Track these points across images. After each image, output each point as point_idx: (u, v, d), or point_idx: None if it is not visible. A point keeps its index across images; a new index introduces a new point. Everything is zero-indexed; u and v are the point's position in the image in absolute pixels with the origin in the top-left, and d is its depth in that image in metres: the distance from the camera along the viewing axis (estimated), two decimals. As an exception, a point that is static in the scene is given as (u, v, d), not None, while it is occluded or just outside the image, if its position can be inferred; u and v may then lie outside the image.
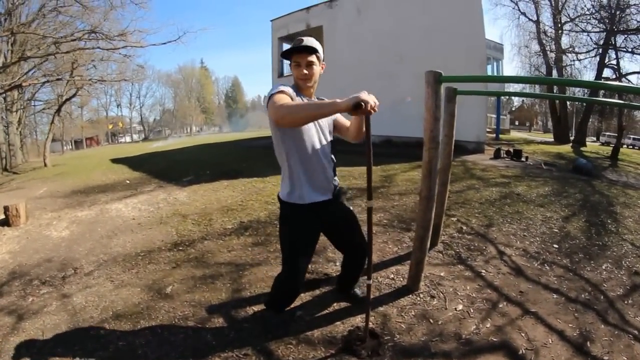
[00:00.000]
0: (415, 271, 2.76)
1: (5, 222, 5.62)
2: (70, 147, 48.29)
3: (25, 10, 16.70)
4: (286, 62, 19.60)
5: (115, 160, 15.21)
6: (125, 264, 3.71)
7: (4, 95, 17.04)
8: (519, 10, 23.52)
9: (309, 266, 2.53)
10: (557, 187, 6.93)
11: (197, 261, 3.61)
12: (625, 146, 19.93)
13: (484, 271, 3.18)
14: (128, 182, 9.02)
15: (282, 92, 1.65)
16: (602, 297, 2.82)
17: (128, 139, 58.04)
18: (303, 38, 1.76)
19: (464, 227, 4.35)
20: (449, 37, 12.07)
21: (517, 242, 3.93)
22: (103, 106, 55.88)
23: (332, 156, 2.00)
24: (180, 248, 4.03)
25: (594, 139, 35.99)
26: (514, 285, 2.95)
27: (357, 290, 2.61)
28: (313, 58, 1.78)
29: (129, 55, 14.76)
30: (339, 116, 2.04)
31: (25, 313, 2.84)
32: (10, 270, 3.83)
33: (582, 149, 19.08)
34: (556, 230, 4.34)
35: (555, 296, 2.80)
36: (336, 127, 2.06)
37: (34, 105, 28.44)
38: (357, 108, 1.41)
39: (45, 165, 18.17)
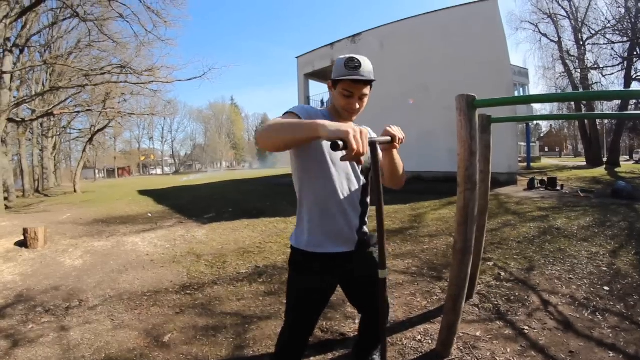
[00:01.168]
0: (446, 335, 2.31)
1: (24, 244, 5.78)
2: (103, 175, 50.46)
3: (64, 45, 17.90)
4: (314, 98, 20.41)
5: (142, 192, 15.57)
6: (130, 302, 3.55)
7: (40, 121, 18.04)
8: (540, 32, 23.18)
9: (323, 323, 2.16)
10: (599, 216, 6.46)
11: (203, 308, 3.33)
12: (663, 161, 18.71)
13: (526, 327, 2.72)
14: (150, 215, 9.10)
15: (289, 114, 1.37)
16: (670, 350, 2.35)
17: (159, 171, 60.19)
18: (359, 60, 1.37)
19: (502, 274, 3.88)
20: (473, 65, 11.88)
21: (563, 287, 3.47)
22: (136, 138, 58.71)
23: (364, 200, 1.58)
24: (188, 292, 3.77)
25: (627, 157, 34.19)
26: (562, 344, 2.49)
27: (377, 358, 2.19)
28: (368, 90, 1.44)
29: (157, 90, 15.48)
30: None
31: (21, 340, 2.83)
32: (18, 293, 3.87)
33: (617, 169, 17.98)
34: (605, 269, 3.90)
35: (611, 354, 2.34)
36: None
37: (69, 133, 30.06)
38: (335, 149, 0.96)
39: (75, 191, 18.87)
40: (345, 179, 1.51)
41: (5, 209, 10.43)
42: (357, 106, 1.43)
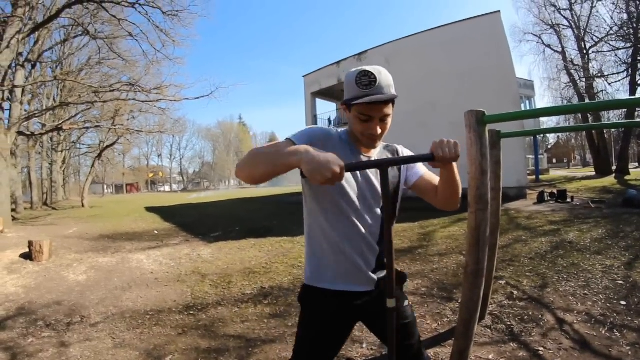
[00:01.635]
0: (458, 360, 2.21)
1: (29, 256, 5.79)
2: (111, 191, 50.96)
3: (76, 61, 18.36)
4: (321, 117, 20.52)
5: (150, 209, 15.64)
6: (132, 321, 3.50)
7: (50, 135, 18.35)
8: (543, 43, 23.07)
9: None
10: (611, 227, 6.34)
11: (206, 329, 3.25)
12: (672, 167, 18.44)
13: (541, 348, 2.61)
14: (156, 232, 9.11)
15: (286, 141, 1.12)
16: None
17: (167, 188, 60.69)
18: (373, 74, 1.09)
19: (515, 292, 3.76)
20: (479, 80, 11.88)
21: (578, 304, 3.35)
22: (144, 155, 59.42)
23: (383, 239, 1.20)
24: (192, 312, 3.70)
25: (636, 164, 33.70)
26: (580, 366, 2.37)
27: None
28: (390, 109, 1.15)
29: (165, 108, 15.67)
30: (422, 170, 1.35)
31: (20, 353, 2.81)
32: (20, 306, 3.87)
33: (627, 178, 17.69)
34: (621, 282, 3.78)
35: (631, 372, 2.22)
36: (419, 187, 1.32)
37: (79, 148, 30.52)
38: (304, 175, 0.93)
39: (83, 205, 19.03)
40: (364, 213, 1.23)
41: (12, 220, 10.53)
42: (379, 131, 1.15)
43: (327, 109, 20.59)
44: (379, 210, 1.24)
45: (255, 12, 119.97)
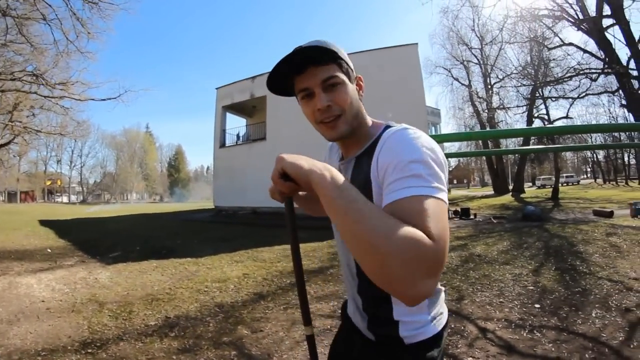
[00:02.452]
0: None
1: None
2: (3, 198, 44.03)
3: None
4: (230, 132, 19.62)
5: (44, 222, 13.98)
6: None
7: None
8: (452, 76, 26.21)
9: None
10: (515, 239, 6.92)
11: (107, 370, 2.74)
12: (560, 185, 21.69)
13: (470, 359, 2.67)
14: (49, 251, 8.16)
15: None
16: (606, 350, 2.57)
17: (65, 199, 54.44)
18: (300, 46, 0.81)
19: (434, 307, 3.84)
20: (393, 105, 12.57)
21: (496, 311, 3.55)
22: (42, 160, 52.79)
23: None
24: (90, 350, 3.12)
25: (530, 184, 38.88)
26: (510, 367, 2.47)
27: None
28: (333, 70, 0.82)
29: (69, 108, 14.29)
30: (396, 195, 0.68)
31: None
32: None
33: (522, 196, 20.29)
34: (531, 288, 4.13)
35: (560, 365, 2.38)
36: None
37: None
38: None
39: (-36, 214, 15.92)
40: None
41: None
42: (324, 102, 0.81)
43: (237, 124, 20.20)
44: None
45: (177, 16, 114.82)
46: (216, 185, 18.52)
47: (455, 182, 57.89)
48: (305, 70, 0.81)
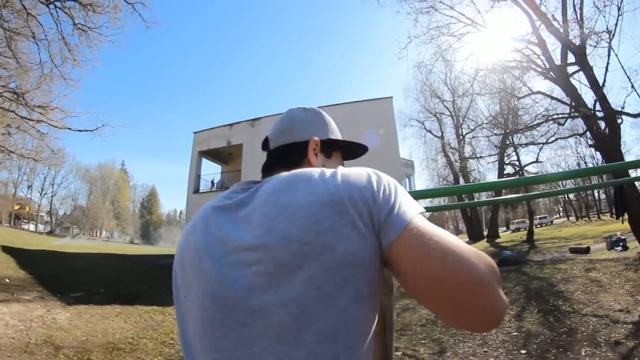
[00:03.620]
0: None
1: None
2: None
3: None
4: (205, 177, 19.14)
5: (6, 249, 13.17)
6: None
7: None
8: (425, 128, 27.30)
9: None
10: (494, 285, 6.87)
11: None
12: (535, 227, 22.16)
13: None
14: (7, 281, 7.68)
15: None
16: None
17: (32, 227, 51.89)
18: None
19: (414, 363, 3.69)
20: (367, 156, 12.85)
21: None
22: (13, 182, 50.53)
23: None
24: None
25: (505, 228, 39.51)
26: None
27: None
28: None
29: (46, 133, 13.79)
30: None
31: None
32: None
33: (498, 241, 20.53)
34: (515, 334, 4.04)
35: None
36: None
37: None
38: None
39: None
40: None
41: None
42: None
43: (212, 170, 20.07)
44: None
45: (161, 57, 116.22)
46: (188, 231, 18.00)
47: (430, 231, 58.57)
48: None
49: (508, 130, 19.21)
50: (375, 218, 0.54)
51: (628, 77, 12.33)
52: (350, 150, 0.96)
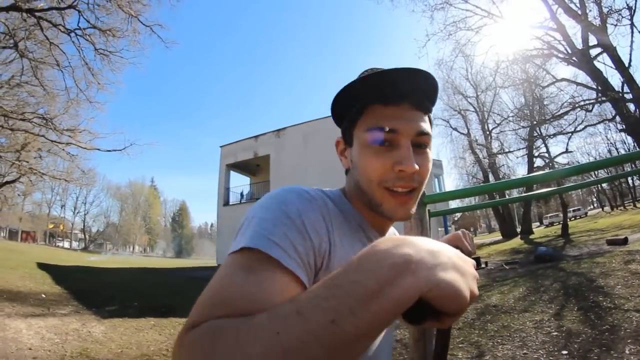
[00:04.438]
0: None
1: None
2: (4, 235, 43.74)
3: None
4: (234, 190, 19.74)
5: (42, 265, 13.63)
6: None
7: None
8: (451, 126, 26.58)
9: None
10: (531, 284, 6.61)
11: None
12: (569, 220, 21.24)
13: None
14: (44, 296, 7.83)
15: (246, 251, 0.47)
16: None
17: (67, 244, 54.14)
18: (392, 69, 0.57)
19: (453, 368, 3.58)
20: None
21: None
22: (47, 202, 53.10)
23: None
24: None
25: (538, 223, 38.18)
26: None
27: None
28: (428, 125, 0.62)
29: (76, 155, 14.26)
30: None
31: None
32: None
33: (532, 237, 19.83)
34: (556, 334, 3.84)
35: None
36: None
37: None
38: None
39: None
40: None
41: None
42: (414, 166, 0.56)
43: (240, 182, 20.28)
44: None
45: (183, 74, 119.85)
46: (219, 243, 18.19)
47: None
48: (400, 105, 0.58)
49: (535, 122, 18.64)
50: None
51: (655, 54, 11.71)
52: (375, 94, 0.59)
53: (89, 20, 11.25)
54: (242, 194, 19.29)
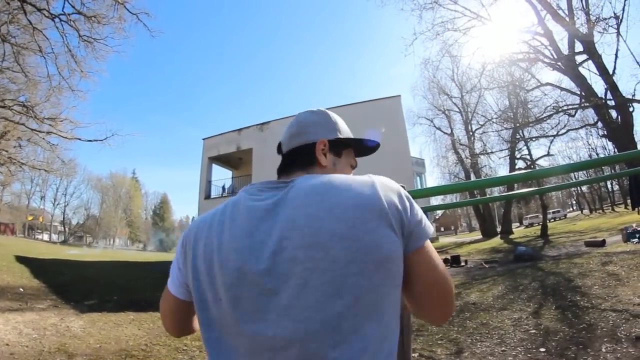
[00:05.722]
0: None
1: None
2: None
3: None
4: (215, 183, 19.33)
5: (20, 259, 13.35)
6: None
7: None
8: (435, 126, 27.16)
9: None
10: (509, 282, 6.75)
11: None
12: (548, 221, 21.76)
13: None
14: (22, 290, 7.71)
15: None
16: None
17: (46, 236, 52.79)
18: None
19: (432, 364, 3.62)
20: (377, 156, 12.80)
21: None
22: (26, 193, 51.41)
23: None
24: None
25: (518, 224, 38.95)
26: None
27: None
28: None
29: (56, 145, 14.06)
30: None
31: None
32: None
33: (511, 237, 20.24)
34: (534, 331, 3.94)
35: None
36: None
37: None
38: None
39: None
40: None
41: None
42: None
43: (222, 176, 20.09)
44: None
45: (167, 64, 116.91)
46: (200, 236, 18.01)
47: (442, 229, 57.73)
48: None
49: (518, 124, 18.97)
50: (406, 226, 0.65)
51: (638, 63, 12.03)
52: (362, 147, 0.99)
53: (74, 5, 10.95)
54: (223, 187, 19.13)
